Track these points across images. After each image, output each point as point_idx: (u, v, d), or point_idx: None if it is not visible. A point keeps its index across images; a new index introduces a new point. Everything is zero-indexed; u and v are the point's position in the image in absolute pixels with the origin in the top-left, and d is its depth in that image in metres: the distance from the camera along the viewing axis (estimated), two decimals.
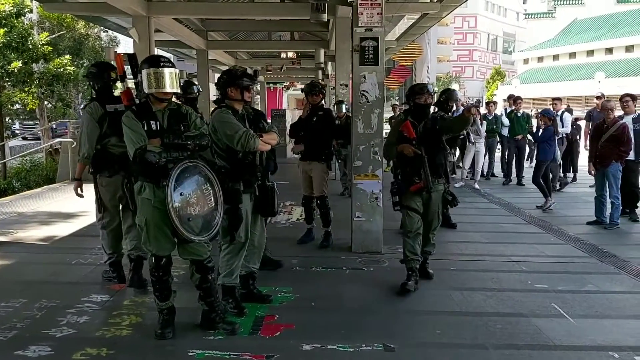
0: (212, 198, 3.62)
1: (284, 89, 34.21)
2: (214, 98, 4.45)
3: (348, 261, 5.53)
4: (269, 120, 6.07)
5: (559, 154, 9.27)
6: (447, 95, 6.42)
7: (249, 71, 4.61)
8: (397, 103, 20.60)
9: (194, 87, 5.83)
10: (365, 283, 4.94)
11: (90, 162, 4.61)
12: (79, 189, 4.76)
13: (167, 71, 3.52)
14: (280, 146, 13.01)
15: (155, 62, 3.54)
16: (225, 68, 21.59)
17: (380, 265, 5.44)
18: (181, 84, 4.75)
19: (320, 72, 20.68)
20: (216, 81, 4.18)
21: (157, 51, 11.56)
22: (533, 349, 3.58)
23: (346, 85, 10.13)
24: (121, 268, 4.85)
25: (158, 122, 3.57)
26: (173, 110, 3.67)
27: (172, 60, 3.73)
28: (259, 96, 28.25)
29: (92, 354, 3.46)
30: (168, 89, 3.53)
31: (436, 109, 6.01)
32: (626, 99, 7.58)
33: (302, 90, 6.51)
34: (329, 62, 17.46)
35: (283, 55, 19.38)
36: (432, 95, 4.72)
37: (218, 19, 13.76)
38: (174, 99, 3.79)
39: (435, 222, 4.85)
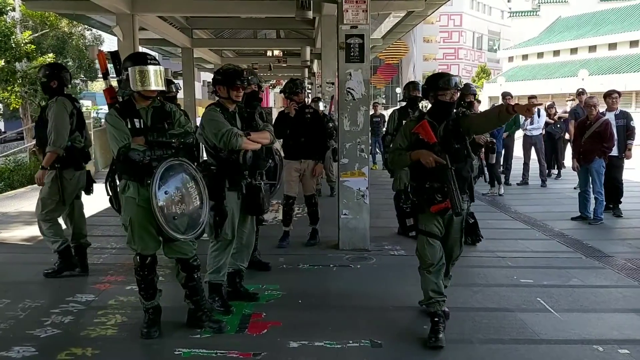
0: (197, 196, 3.61)
1: (270, 87, 34.08)
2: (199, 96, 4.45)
3: (335, 258, 5.53)
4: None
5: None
6: (462, 91, 5.84)
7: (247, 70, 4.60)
8: (378, 101, 20.66)
9: (173, 85, 5.79)
10: (352, 280, 4.94)
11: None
12: (44, 177, 4.74)
13: (152, 69, 3.49)
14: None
15: (141, 59, 3.52)
16: (210, 66, 21.52)
17: (367, 262, 5.45)
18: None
19: (306, 69, 20.65)
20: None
21: (142, 49, 11.46)
22: (519, 343, 3.62)
23: (333, 83, 10.13)
24: (72, 255, 4.96)
25: (142, 120, 3.54)
26: (157, 108, 3.64)
27: (157, 58, 3.70)
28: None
29: (77, 353, 3.43)
30: (153, 87, 3.50)
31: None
32: (614, 96, 7.57)
33: (281, 91, 6.39)
34: (315, 60, 17.47)
35: (269, 53, 19.32)
36: (459, 90, 3.84)
37: (203, 17, 13.70)
38: None
39: (457, 249, 3.88)
